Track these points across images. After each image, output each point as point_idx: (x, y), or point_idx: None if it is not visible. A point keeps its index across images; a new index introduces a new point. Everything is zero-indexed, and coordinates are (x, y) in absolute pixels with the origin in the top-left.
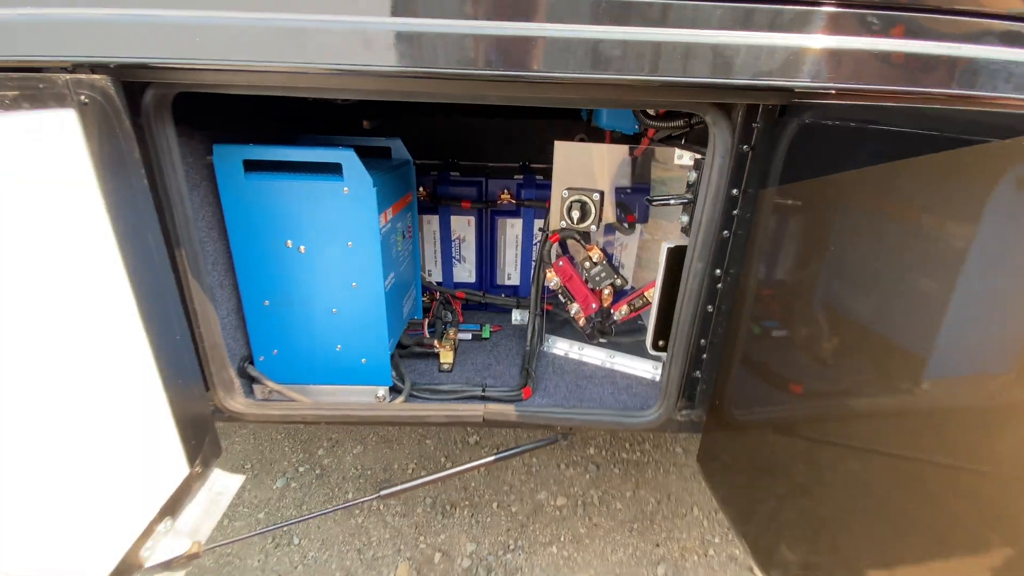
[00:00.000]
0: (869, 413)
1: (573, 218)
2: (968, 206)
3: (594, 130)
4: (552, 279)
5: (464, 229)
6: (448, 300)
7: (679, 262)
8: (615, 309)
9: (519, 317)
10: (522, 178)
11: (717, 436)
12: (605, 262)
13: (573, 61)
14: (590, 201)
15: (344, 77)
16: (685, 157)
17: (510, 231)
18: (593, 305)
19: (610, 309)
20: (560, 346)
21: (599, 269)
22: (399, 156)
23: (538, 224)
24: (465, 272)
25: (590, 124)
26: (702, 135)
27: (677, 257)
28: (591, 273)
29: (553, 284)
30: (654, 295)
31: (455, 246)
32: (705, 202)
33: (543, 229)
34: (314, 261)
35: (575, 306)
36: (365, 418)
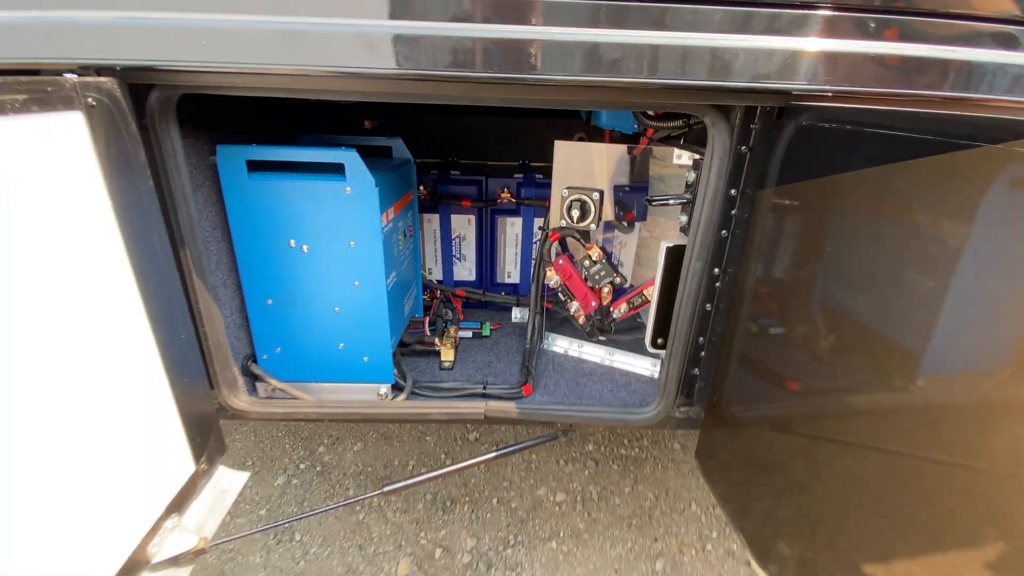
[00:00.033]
0: (865, 410)
1: (573, 217)
2: (960, 208)
3: (593, 129)
4: (552, 277)
5: (464, 228)
6: (449, 298)
7: (678, 261)
8: (614, 307)
9: (519, 315)
10: (522, 177)
11: (715, 433)
12: (604, 261)
13: (573, 64)
14: (590, 200)
15: (346, 79)
16: (684, 157)
17: (510, 230)
18: (593, 303)
19: (609, 307)
20: (560, 344)
21: (599, 268)
22: (400, 155)
23: (538, 223)
24: (465, 270)
25: (589, 123)
26: (701, 135)
27: (676, 256)
28: (591, 272)
29: (553, 283)
30: (653, 293)
31: (455, 244)
32: (704, 202)
33: (543, 228)
34: (317, 260)
35: (575, 304)
36: (368, 416)
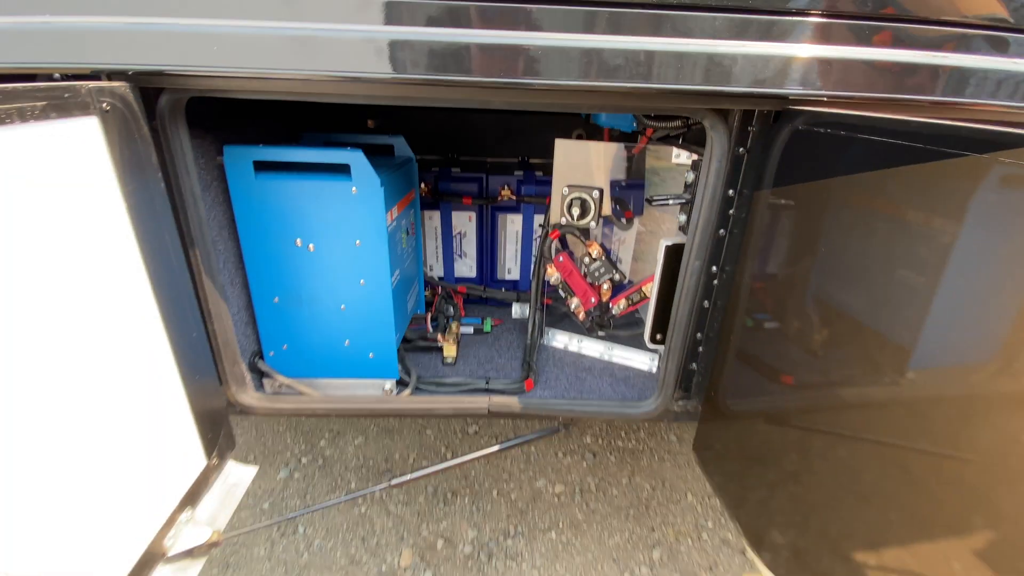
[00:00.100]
0: (856, 403)
1: (573, 215)
2: (947, 211)
3: (592, 127)
4: (552, 274)
5: (465, 225)
6: (450, 295)
7: (677, 259)
8: (614, 303)
9: (519, 311)
10: (522, 174)
11: (712, 425)
12: (604, 258)
13: (575, 69)
14: (590, 198)
15: (351, 83)
16: (683, 156)
17: (510, 226)
18: (592, 299)
19: (609, 303)
20: (560, 339)
21: (598, 264)
22: (402, 153)
23: (538, 220)
24: (466, 267)
25: (588, 121)
26: (699, 134)
27: (675, 255)
28: (590, 268)
29: (554, 279)
30: (652, 290)
31: (456, 241)
32: (703, 202)
33: (543, 225)
34: (323, 259)
35: (575, 300)
36: (374, 411)
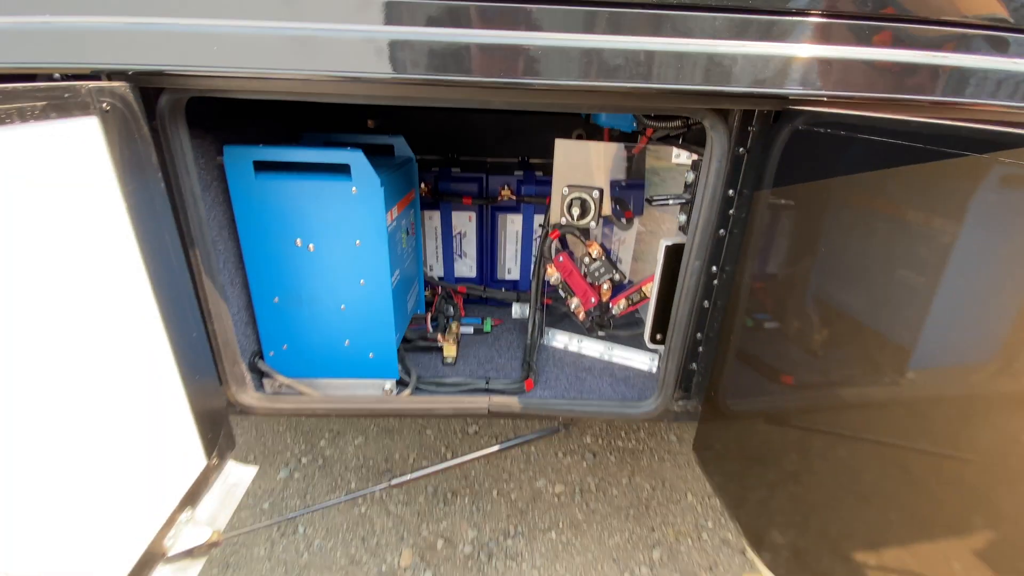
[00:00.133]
0: (856, 403)
1: (573, 215)
2: (947, 211)
3: (592, 127)
4: (552, 274)
5: (465, 225)
6: (450, 295)
7: (677, 259)
8: (614, 303)
9: (519, 311)
10: (522, 174)
11: (712, 425)
12: (604, 258)
13: (576, 69)
14: (590, 198)
15: (351, 83)
16: (683, 156)
17: (510, 227)
18: (592, 299)
19: (609, 303)
20: (560, 339)
21: (598, 264)
22: (401, 153)
23: (538, 220)
24: (466, 267)
25: (588, 121)
26: (699, 134)
27: (675, 255)
28: (590, 268)
29: (554, 279)
30: (652, 290)
31: (456, 241)
32: (703, 202)
33: (543, 225)
34: (323, 259)
35: (575, 300)
36: (374, 411)
